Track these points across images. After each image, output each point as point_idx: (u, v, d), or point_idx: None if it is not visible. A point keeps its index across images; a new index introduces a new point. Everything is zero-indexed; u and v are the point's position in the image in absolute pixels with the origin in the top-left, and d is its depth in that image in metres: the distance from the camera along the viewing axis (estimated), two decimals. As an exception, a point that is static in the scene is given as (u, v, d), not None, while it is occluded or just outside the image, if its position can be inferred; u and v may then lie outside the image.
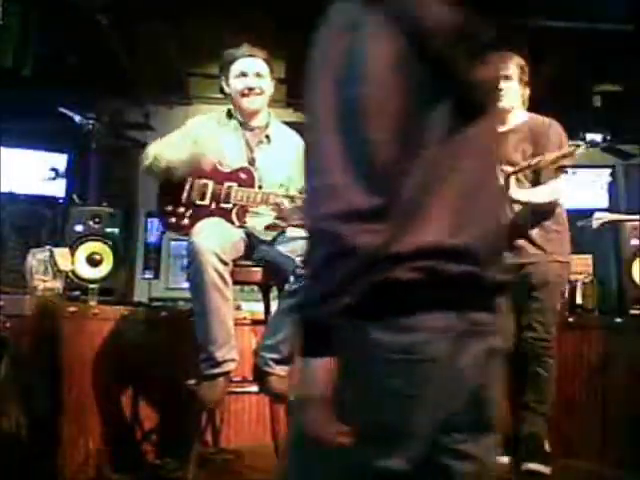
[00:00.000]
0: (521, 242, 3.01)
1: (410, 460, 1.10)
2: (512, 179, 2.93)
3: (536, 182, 3.02)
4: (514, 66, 3.07)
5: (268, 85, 2.98)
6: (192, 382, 2.72)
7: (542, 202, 3.02)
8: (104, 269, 3.37)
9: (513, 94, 3.07)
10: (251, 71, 2.93)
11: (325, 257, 1.07)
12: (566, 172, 3.05)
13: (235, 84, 2.94)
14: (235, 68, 2.94)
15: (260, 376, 2.71)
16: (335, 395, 1.09)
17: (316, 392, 1.09)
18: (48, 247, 3.27)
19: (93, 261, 3.37)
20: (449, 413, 1.12)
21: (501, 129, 3.00)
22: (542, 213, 3.03)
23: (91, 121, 4.04)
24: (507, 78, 3.04)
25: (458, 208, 1.11)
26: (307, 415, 1.10)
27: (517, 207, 3.02)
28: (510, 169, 2.94)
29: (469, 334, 1.11)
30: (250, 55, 2.94)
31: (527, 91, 3.12)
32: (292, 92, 5.54)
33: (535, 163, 2.91)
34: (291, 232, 2.86)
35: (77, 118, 4.03)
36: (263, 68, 2.95)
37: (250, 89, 2.92)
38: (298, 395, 1.13)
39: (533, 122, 3.10)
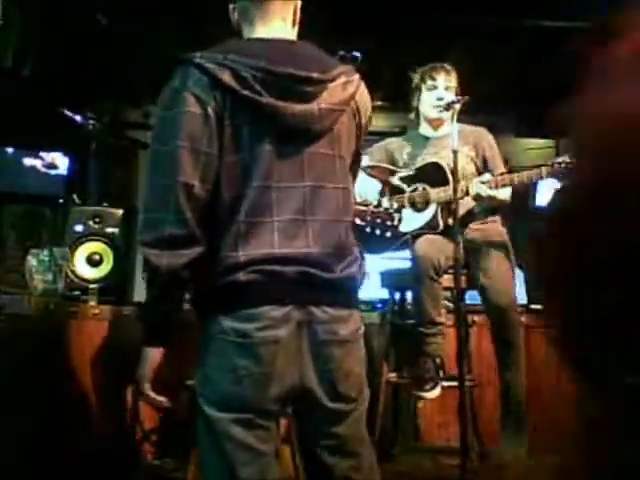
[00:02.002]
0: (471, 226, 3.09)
1: (256, 425, 1.49)
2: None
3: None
4: (455, 79, 3.14)
5: None
6: (192, 382, 2.72)
7: (506, 200, 3.08)
8: (104, 269, 3.37)
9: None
10: None
11: (145, 274, 1.48)
12: None
13: None
14: None
15: None
16: (199, 371, 1.58)
17: (143, 372, 1.61)
18: (48, 247, 3.27)
19: (93, 261, 3.37)
20: (294, 386, 1.50)
21: (439, 135, 3.17)
22: (499, 207, 3.13)
23: (91, 121, 4.04)
24: (448, 89, 3.11)
25: (286, 227, 1.49)
26: (141, 386, 1.61)
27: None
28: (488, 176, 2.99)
29: (307, 323, 1.49)
30: None
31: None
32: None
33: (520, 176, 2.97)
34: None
35: (77, 118, 4.03)
36: None
37: None
38: (138, 373, 1.61)
39: (469, 129, 3.15)
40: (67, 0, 4.40)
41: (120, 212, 3.52)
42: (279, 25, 1.62)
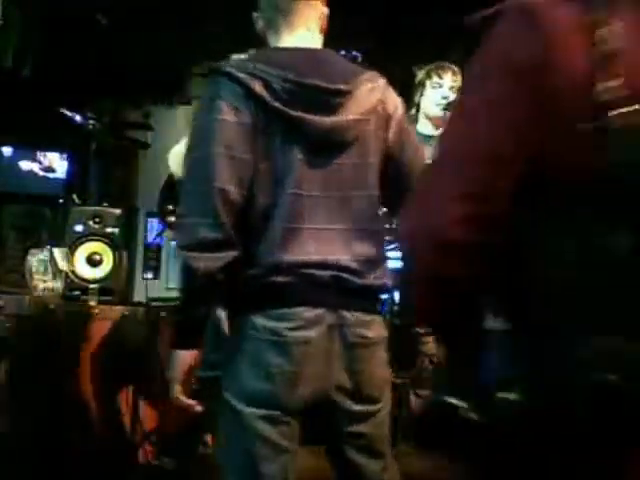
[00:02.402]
0: None
1: (281, 422, 1.53)
2: None
3: None
4: (460, 81, 3.12)
5: None
6: (192, 382, 2.72)
7: None
8: (104, 269, 3.37)
9: None
10: None
11: (181, 277, 1.53)
12: None
13: None
14: None
15: None
16: (228, 367, 1.58)
17: (174, 375, 1.61)
18: (48, 247, 3.27)
19: (93, 261, 3.36)
20: (322, 386, 1.54)
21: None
22: None
23: (91, 121, 4.03)
24: (452, 89, 3.11)
25: (319, 234, 1.55)
26: (171, 390, 1.62)
27: None
28: None
29: (338, 326, 1.54)
30: None
31: None
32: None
33: None
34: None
35: (77, 118, 4.03)
36: None
37: None
38: (169, 375, 1.62)
39: None
40: (67, 0, 4.40)
41: (120, 212, 3.51)
42: (305, 34, 1.66)
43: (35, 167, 5.66)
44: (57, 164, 5.71)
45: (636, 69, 0.75)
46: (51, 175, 5.69)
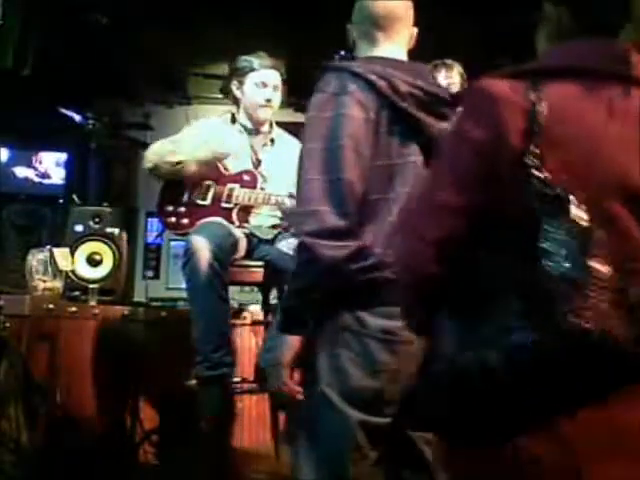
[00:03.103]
0: None
1: (373, 426, 1.54)
2: None
3: None
4: (457, 75, 3.12)
5: (280, 97, 2.99)
6: (192, 382, 2.73)
7: None
8: (104, 269, 3.37)
9: None
10: (271, 83, 2.93)
11: (302, 262, 1.52)
12: None
13: (253, 94, 2.93)
14: (255, 77, 2.92)
15: (264, 378, 2.70)
16: (326, 361, 1.56)
17: (285, 359, 1.59)
18: (48, 247, 3.27)
19: (93, 261, 3.37)
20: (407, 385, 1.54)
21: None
22: None
23: (91, 121, 4.04)
24: (450, 85, 3.06)
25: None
26: (275, 373, 1.62)
27: None
28: None
29: None
30: (271, 67, 2.94)
31: None
32: (292, 92, 5.53)
33: None
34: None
35: (77, 118, 4.03)
36: (279, 81, 2.97)
37: (268, 101, 2.93)
38: (272, 359, 1.62)
39: None
40: (67, 0, 4.40)
41: (120, 212, 3.52)
42: (398, 50, 1.76)
43: (30, 173, 5.67)
44: (53, 170, 5.71)
45: (552, 143, 1.02)
46: (46, 181, 5.69)
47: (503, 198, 1.04)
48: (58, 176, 5.72)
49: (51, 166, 5.72)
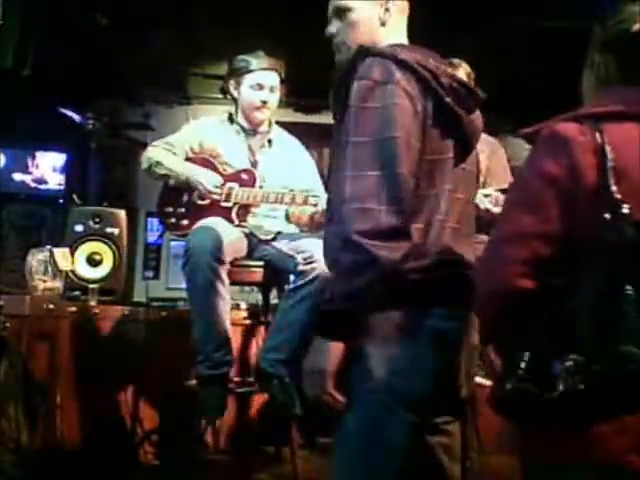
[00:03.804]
0: None
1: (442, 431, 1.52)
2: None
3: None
4: (464, 74, 3.02)
5: (277, 98, 2.98)
6: (192, 382, 2.73)
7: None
8: (104, 269, 3.37)
9: None
10: (267, 85, 2.92)
11: (352, 263, 1.38)
12: None
13: (249, 95, 2.92)
14: (251, 78, 2.91)
15: (264, 378, 2.70)
16: (388, 366, 1.45)
17: (328, 367, 1.40)
18: (48, 247, 3.27)
19: (93, 261, 3.37)
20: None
21: None
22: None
23: (91, 121, 4.04)
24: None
25: (457, 233, 1.55)
26: (316, 381, 1.42)
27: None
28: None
29: (472, 327, 1.54)
30: (268, 68, 2.93)
31: None
32: (292, 92, 5.53)
33: None
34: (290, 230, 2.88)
35: (77, 118, 4.03)
36: (277, 82, 2.95)
37: (264, 103, 2.92)
38: (312, 366, 1.42)
39: (483, 137, 3.11)
40: (67, 0, 4.40)
41: (120, 212, 3.52)
42: (404, 38, 1.66)
43: (27, 179, 5.66)
44: (49, 176, 5.70)
45: (620, 176, 1.19)
46: (43, 187, 5.68)
47: (579, 230, 1.20)
48: (55, 181, 5.70)
49: (48, 171, 5.70)
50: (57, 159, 5.74)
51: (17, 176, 5.65)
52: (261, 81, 2.91)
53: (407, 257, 1.40)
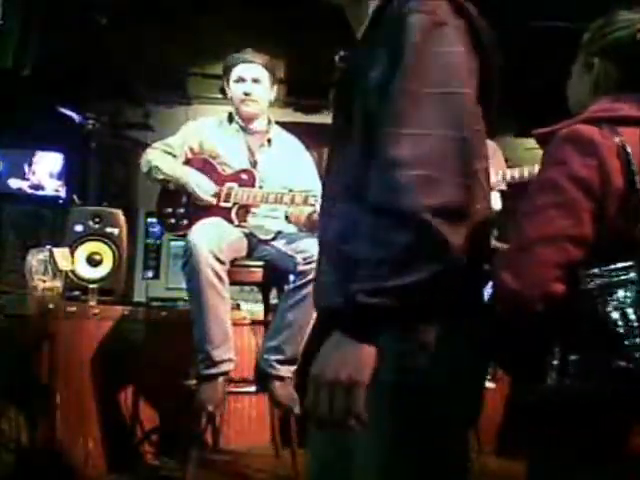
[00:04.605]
0: None
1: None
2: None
3: None
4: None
5: (265, 91, 2.98)
6: (192, 382, 2.73)
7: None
8: (104, 269, 3.37)
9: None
10: (248, 77, 2.94)
11: (414, 248, 1.03)
12: None
13: (234, 89, 2.97)
14: (234, 73, 2.96)
15: (264, 379, 2.70)
16: (422, 375, 1.11)
17: (361, 378, 1.04)
18: (48, 247, 3.27)
19: (93, 261, 3.37)
20: None
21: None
22: None
23: (91, 121, 4.04)
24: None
25: None
26: (339, 398, 1.03)
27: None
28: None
29: None
30: (249, 61, 2.95)
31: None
32: (292, 92, 5.54)
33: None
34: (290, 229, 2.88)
35: (77, 118, 4.03)
36: (261, 74, 2.95)
37: (246, 94, 2.93)
38: (333, 377, 1.03)
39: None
40: (67, 0, 4.40)
41: (120, 212, 3.51)
42: None
43: (24, 185, 5.66)
44: (46, 182, 5.69)
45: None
46: (40, 193, 5.68)
47: (607, 232, 1.23)
48: (52, 187, 5.69)
49: (45, 177, 5.70)
50: (54, 164, 5.72)
51: (14, 182, 5.64)
52: (242, 74, 2.94)
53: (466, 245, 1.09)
